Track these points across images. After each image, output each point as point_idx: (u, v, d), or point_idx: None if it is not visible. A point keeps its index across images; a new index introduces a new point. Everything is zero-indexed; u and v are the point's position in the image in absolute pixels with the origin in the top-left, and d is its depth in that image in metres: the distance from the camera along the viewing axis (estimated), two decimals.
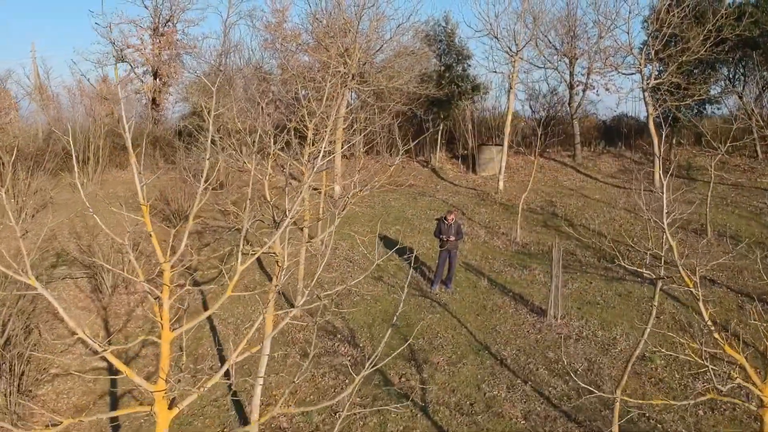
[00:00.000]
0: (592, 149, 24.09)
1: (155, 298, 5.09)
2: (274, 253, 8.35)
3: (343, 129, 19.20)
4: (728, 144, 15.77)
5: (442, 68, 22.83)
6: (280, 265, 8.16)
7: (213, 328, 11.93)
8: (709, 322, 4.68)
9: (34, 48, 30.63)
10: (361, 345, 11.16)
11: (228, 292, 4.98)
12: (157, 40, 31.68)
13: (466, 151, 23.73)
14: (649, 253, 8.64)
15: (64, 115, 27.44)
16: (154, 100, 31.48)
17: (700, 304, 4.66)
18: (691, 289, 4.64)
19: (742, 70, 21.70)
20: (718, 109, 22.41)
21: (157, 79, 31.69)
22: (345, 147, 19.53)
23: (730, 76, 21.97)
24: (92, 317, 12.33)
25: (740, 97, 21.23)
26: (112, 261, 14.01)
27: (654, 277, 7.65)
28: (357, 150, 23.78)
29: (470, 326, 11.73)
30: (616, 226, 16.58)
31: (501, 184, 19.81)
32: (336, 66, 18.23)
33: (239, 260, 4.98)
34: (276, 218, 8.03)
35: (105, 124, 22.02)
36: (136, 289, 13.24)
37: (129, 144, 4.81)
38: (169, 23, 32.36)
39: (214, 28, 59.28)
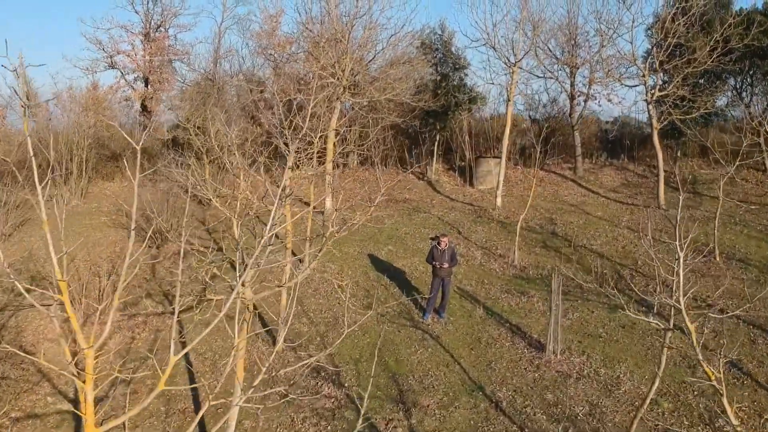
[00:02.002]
0: (594, 161, 23.32)
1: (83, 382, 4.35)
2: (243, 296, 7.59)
3: (334, 143, 18.49)
4: (737, 162, 15.02)
5: (438, 78, 22.08)
6: (248, 313, 7.42)
7: (189, 363, 11.17)
8: (735, 421, 3.95)
9: (22, 55, 29.63)
10: (346, 384, 10.40)
11: (160, 386, 4.22)
12: (148, 46, 30.96)
13: (463, 163, 22.97)
14: (658, 295, 7.90)
15: (53, 123, 26.74)
16: (145, 107, 30.77)
17: (724, 401, 3.94)
18: (714, 384, 3.92)
19: (749, 80, 20.93)
20: (725, 120, 21.65)
21: (149, 86, 30.98)
22: (335, 174, 18.75)
23: (737, 86, 21.20)
24: (62, 350, 11.56)
25: (748, 109, 20.47)
26: (87, 287, 13.31)
27: (662, 327, 6.90)
28: (348, 166, 23.05)
29: (464, 362, 10.97)
30: (619, 247, 15.82)
31: (499, 200, 19.04)
32: (326, 77, 17.51)
33: (172, 349, 4.22)
34: (246, 259, 7.28)
35: (89, 135, 21.26)
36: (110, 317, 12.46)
37: (41, 209, 4.05)
38: (161, 28, 31.65)
39: (206, 33, 58.40)
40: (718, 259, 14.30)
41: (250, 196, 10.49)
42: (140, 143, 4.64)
